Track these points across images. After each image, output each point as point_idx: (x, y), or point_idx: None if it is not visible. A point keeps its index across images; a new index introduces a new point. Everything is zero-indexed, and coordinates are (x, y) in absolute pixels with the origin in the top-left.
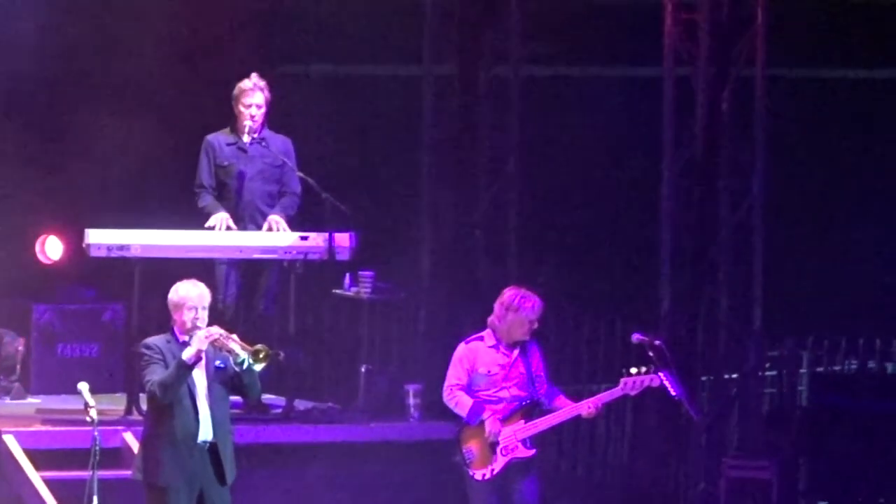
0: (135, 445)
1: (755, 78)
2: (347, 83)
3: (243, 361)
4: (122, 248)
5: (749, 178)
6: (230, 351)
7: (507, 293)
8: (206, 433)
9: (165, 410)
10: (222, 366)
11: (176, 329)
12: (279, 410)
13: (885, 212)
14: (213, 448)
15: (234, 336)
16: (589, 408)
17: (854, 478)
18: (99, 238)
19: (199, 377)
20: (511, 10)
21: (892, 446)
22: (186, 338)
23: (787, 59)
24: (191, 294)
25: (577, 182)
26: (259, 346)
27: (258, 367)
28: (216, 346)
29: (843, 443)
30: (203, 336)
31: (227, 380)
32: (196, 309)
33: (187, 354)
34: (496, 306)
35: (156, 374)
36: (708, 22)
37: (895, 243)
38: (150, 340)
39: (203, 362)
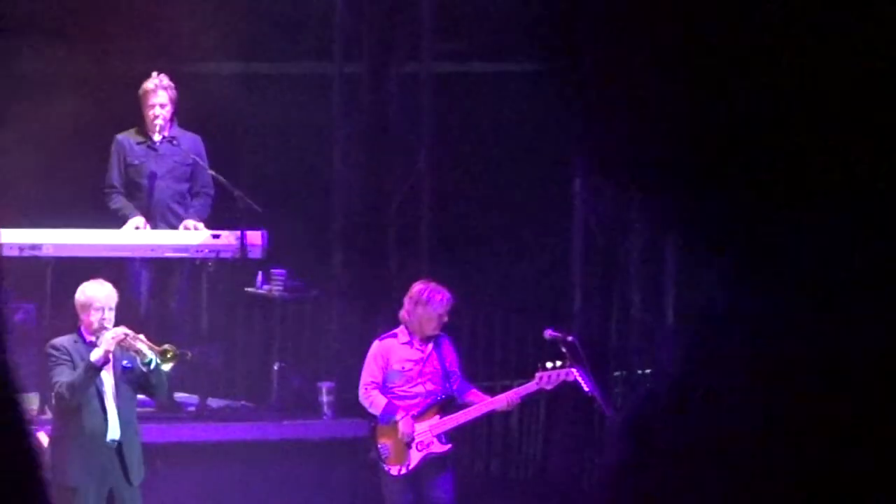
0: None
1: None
2: (258, 81)
3: (151, 361)
4: (33, 247)
5: None
6: (137, 351)
7: (416, 287)
8: (113, 432)
9: (73, 410)
10: (129, 365)
11: (83, 329)
12: (192, 409)
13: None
14: (120, 447)
15: (142, 336)
16: (505, 402)
17: None
18: (10, 238)
19: (107, 377)
20: (422, 7)
21: None
22: (94, 338)
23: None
24: (98, 294)
25: (490, 178)
26: (167, 346)
27: (166, 367)
28: (123, 347)
29: None
30: (110, 337)
31: (134, 379)
32: (103, 309)
33: (95, 356)
34: (406, 301)
35: (63, 376)
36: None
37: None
38: (57, 341)
39: (111, 362)
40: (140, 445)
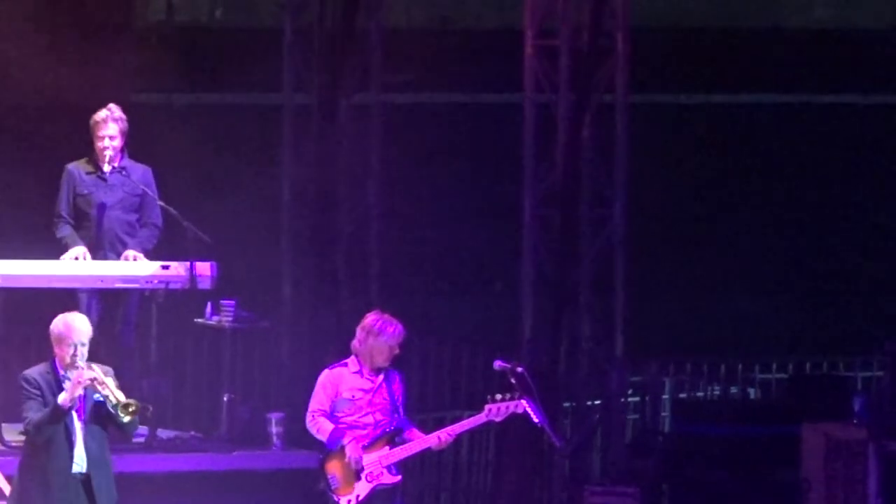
0: None
1: (616, 104)
2: (208, 112)
3: (116, 406)
4: None
5: (610, 206)
6: (105, 396)
7: (369, 318)
8: (80, 465)
9: (40, 443)
10: (101, 400)
11: (56, 361)
12: (142, 439)
13: (743, 237)
14: (88, 481)
15: (110, 381)
16: (439, 439)
17: (718, 503)
18: None
19: (77, 412)
20: (371, 38)
21: (755, 471)
22: (65, 372)
23: (646, 86)
24: (72, 329)
25: (440, 209)
26: (130, 401)
27: (125, 419)
28: (91, 389)
29: (707, 468)
30: (77, 381)
31: (105, 413)
32: (75, 346)
33: (62, 399)
34: (358, 330)
35: (32, 411)
36: (568, 48)
37: (755, 269)
38: (29, 373)
39: (81, 396)
40: (111, 479)
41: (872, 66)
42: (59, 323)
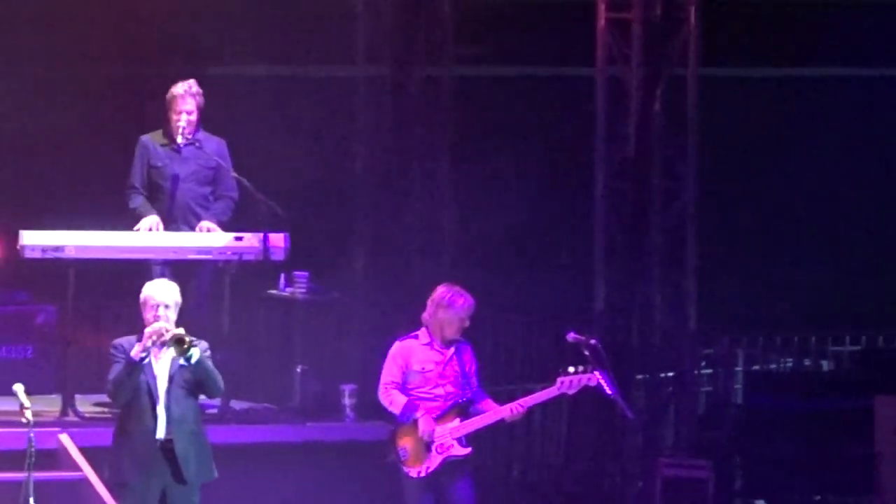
0: (70, 447)
1: (687, 77)
2: (282, 84)
3: (190, 357)
4: (56, 249)
5: (682, 178)
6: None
7: (439, 290)
8: (162, 431)
9: (126, 409)
10: (184, 365)
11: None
12: (214, 411)
13: (816, 209)
14: (170, 446)
15: (177, 331)
16: (511, 411)
17: (789, 476)
18: (33, 240)
19: (162, 375)
20: (443, 11)
21: (826, 444)
22: None
23: (720, 59)
24: (151, 293)
25: (511, 181)
26: (179, 333)
27: (181, 353)
28: (161, 343)
29: (779, 441)
30: (148, 332)
31: (189, 377)
32: (157, 307)
33: (134, 352)
34: (428, 303)
35: (112, 374)
36: (640, 21)
37: (830, 242)
38: (118, 340)
39: (168, 360)
40: (199, 445)
41: None
42: (144, 288)
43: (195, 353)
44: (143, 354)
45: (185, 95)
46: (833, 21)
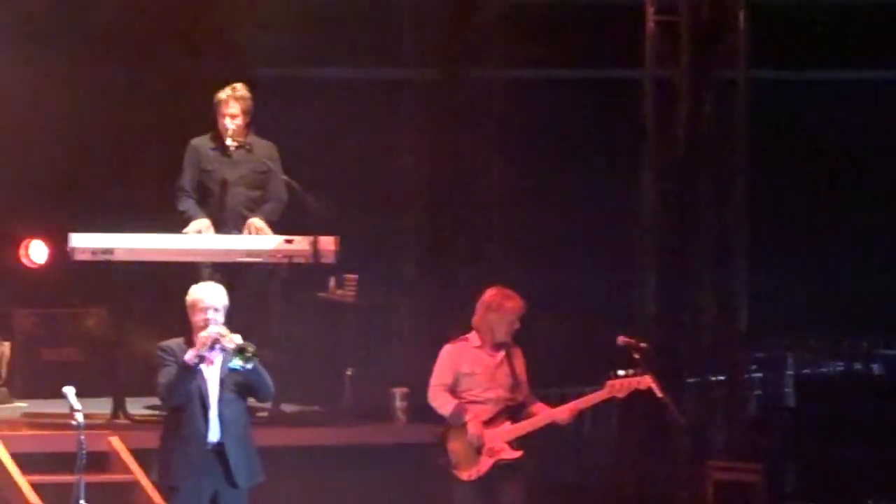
0: (121, 449)
1: (737, 80)
2: (329, 86)
3: (247, 361)
4: (106, 251)
5: (731, 181)
6: (228, 348)
7: (489, 293)
8: (214, 434)
9: (177, 412)
10: (236, 368)
11: (193, 332)
12: (265, 414)
13: (869, 213)
14: (222, 450)
15: (234, 336)
16: (561, 414)
17: (841, 480)
18: (83, 242)
19: (212, 378)
20: (489, 13)
21: (877, 448)
22: None
23: (769, 61)
24: (201, 296)
25: (559, 184)
26: (244, 344)
27: (242, 363)
28: (218, 348)
29: (830, 445)
30: (202, 337)
31: (240, 381)
32: (207, 310)
33: (187, 357)
34: (478, 306)
35: (163, 377)
36: (689, 23)
37: (880, 245)
38: (166, 342)
39: (218, 363)
40: (248, 448)
41: None
42: (192, 291)
43: (259, 375)
44: (197, 360)
45: (230, 99)
46: (885, 23)
